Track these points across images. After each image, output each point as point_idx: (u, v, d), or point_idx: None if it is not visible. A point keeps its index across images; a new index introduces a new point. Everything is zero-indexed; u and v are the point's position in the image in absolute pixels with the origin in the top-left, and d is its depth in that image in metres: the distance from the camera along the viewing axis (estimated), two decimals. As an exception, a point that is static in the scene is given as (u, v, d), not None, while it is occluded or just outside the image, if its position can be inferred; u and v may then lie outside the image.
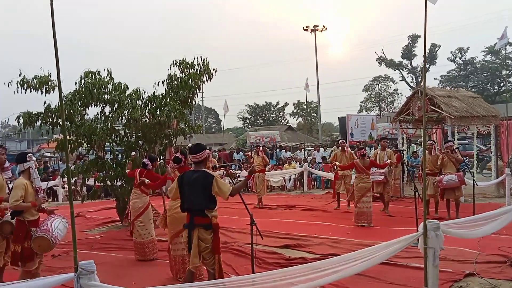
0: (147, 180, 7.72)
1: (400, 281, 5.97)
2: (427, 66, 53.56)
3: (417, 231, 4.83)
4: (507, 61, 49.29)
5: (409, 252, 6.44)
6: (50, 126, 10.27)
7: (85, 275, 3.74)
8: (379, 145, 13.54)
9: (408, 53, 57.21)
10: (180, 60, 10.78)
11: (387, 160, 11.95)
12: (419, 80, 56.97)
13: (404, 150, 12.99)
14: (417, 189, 8.44)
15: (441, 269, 5.12)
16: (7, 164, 6.67)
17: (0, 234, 6.07)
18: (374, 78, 62.63)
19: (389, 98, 63.97)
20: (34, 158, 5.89)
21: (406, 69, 58.87)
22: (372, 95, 63.99)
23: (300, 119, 65.71)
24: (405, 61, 58.30)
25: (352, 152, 13.20)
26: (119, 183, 11.03)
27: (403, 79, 59.23)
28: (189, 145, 8.33)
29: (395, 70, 59.28)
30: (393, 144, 18.65)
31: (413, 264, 6.53)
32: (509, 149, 13.48)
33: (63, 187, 17.56)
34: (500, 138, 13.88)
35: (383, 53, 58.49)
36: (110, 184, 11.02)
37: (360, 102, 64.80)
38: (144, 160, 8.17)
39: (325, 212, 12.39)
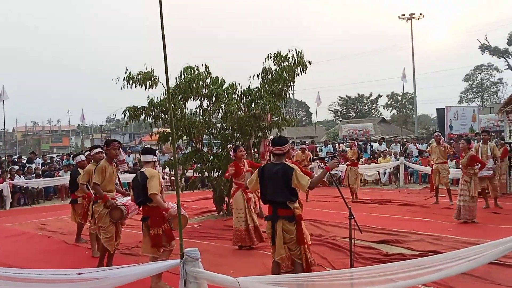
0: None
1: (509, 283, 5.58)
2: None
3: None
4: None
5: (520, 252, 6.00)
6: (153, 120, 10.86)
7: (190, 261, 3.91)
8: (481, 138, 12.74)
9: (515, 39, 53.00)
10: (275, 53, 10.87)
11: (490, 153, 11.25)
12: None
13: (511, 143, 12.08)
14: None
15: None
16: (122, 157, 7.15)
17: (110, 220, 6.57)
18: (476, 67, 58.84)
19: (493, 88, 59.80)
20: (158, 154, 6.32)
21: (512, 57, 54.62)
22: (473, 85, 60.18)
23: (394, 111, 63.54)
24: (511, 48, 54.07)
25: (448, 145, 12.61)
26: (215, 175, 11.40)
27: (509, 67, 54.95)
28: (271, 137, 8.48)
29: (499, 58, 55.18)
30: (499, 136, 17.42)
31: (524, 265, 6.08)
32: None
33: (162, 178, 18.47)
34: None
35: (487, 40, 54.70)
36: (207, 175, 11.42)
37: (460, 93, 61.24)
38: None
39: (423, 207, 11.89)
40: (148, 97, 10.62)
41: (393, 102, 63.36)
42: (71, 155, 15.71)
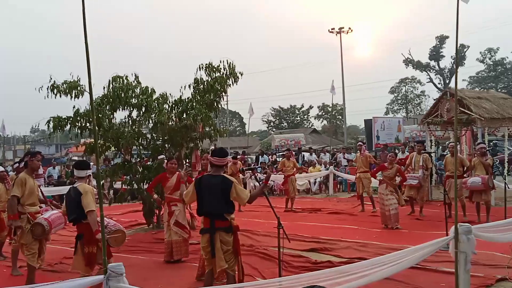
0: None
1: (429, 286, 5.87)
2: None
3: (447, 235, 4.73)
4: (538, 61, 48.38)
5: (438, 256, 6.30)
6: (79, 130, 10.45)
7: (114, 277, 3.78)
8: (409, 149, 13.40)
9: (435, 54, 56.42)
10: (206, 64, 10.85)
11: (422, 163, 11.84)
12: (447, 81, 56.12)
13: (432, 152, 12.75)
14: (447, 192, 8.31)
15: (473, 273, 4.99)
16: (40, 170, 6.85)
17: (32, 236, 6.24)
18: (401, 80, 61.96)
19: (416, 100, 63.18)
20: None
21: (434, 71, 58.07)
22: (398, 97, 63.26)
23: (325, 122, 65.43)
24: (432, 62, 57.51)
25: (369, 154, 13.23)
26: (145, 186, 11.15)
27: (431, 80, 58.41)
28: (212, 147, 8.43)
29: (422, 72, 58.56)
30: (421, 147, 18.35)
31: (443, 269, 6.39)
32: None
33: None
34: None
35: (410, 54, 57.82)
36: (137, 187, 11.14)
37: (387, 104, 64.19)
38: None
39: (351, 215, 12.28)
40: (74, 107, 10.22)
41: (323, 113, 65.25)
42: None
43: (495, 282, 5.89)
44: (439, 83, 57.56)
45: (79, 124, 10.34)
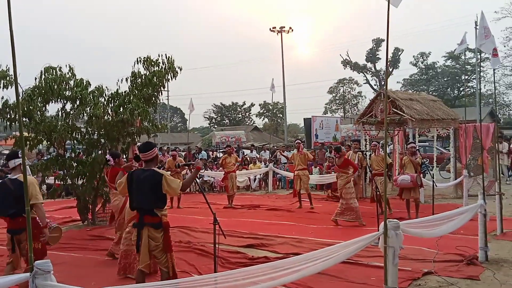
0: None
1: (360, 280, 6.06)
2: (390, 69, 54.69)
3: (378, 231, 4.91)
4: (466, 66, 51.13)
5: (370, 251, 6.52)
6: (8, 123, 9.94)
7: (41, 275, 3.63)
8: (346, 147, 13.80)
9: (372, 56, 58.33)
10: (144, 57, 10.61)
11: (357, 162, 12.21)
12: (382, 83, 58.14)
13: (366, 151, 13.18)
14: (378, 189, 8.61)
15: (401, 267, 5.22)
16: None
17: None
18: (339, 81, 63.65)
19: (353, 101, 65.12)
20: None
21: (370, 72, 60.02)
22: (336, 97, 64.93)
23: (266, 119, 66.04)
24: (369, 64, 59.43)
25: (308, 152, 13.53)
26: (80, 182, 10.79)
27: (367, 82, 60.39)
28: (138, 144, 8.23)
29: (359, 73, 60.41)
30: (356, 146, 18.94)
31: (373, 263, 6.64)
32: (467, 151, 13.87)
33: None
34: (458, 140, 14.27)
35: (348, 56, 59.46)
36: (71, 182, 10.76)
37: (325, 104, 65.79)
38: (107, 156, 7.94)
39: (289, 212, 12.47)
40: (2, 97, 9.72)
41: (265, 111, 65.82)
42: None
43: (421, 275, 6.16)
44: (375, 85, 59.59)
45: (8, 116, 9.85)
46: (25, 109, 9.74)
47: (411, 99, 14.48)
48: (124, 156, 10.87)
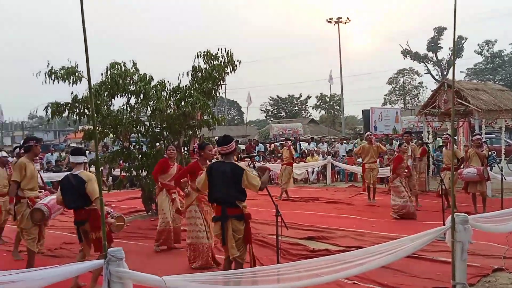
0: None
1: (426, 275, 5.90)
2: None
3: (444, 225, 4.77)
4: (537, 53, 48.37)
5: (435, 246, 6.38)
6: (77, 117, 10.44)
7: (114, 261, 3.81)
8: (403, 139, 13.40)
9: (433, 45, 56.30)
10: (204, 52, 10.80)
11: (410, 153, 11.86)
12: (445, 73, 56.06)
13: (429, 143, 12.80)
14: (443, 182, 8.34)
15: (469, 263, 5.03)
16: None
17: (32, 222, 6.28)
18: (399, 71, 61.91)
19: (414, 91, 63.18)
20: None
21: (432, 62, 57.97)
22: (396, 88, 63.23)
23: (322, 112, 65.38)
24: (430, 54, 57.38)
25: (380, 144, 13.16)
26: (144, 173, 11.16)
27: (428, 72, 58.36)
28: (216, 137, 8.38)
29: (420, 63, 58.49)
30: (418, 137, 18.40)
31: (439, 258, 6.45)
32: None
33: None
34: (529, 132, 13.57)
35: (408, 45, 57.67)
36: (135, 174, 11.15)
37: (384, 95, 64.20)
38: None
39: (349, 205, 12.32)
40: (72, 93, 10.20)
41: (321, 103, 65.20)
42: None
43: (491, 272, 5.93)
44: (436, 75, 57.54)
45: (77, 110, 10.33)
46: (93, 103, 10.16)
47: (476, 89, 13.89)
48: (186, 149, 11.16)
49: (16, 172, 6.45)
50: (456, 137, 17.12)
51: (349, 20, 41.96)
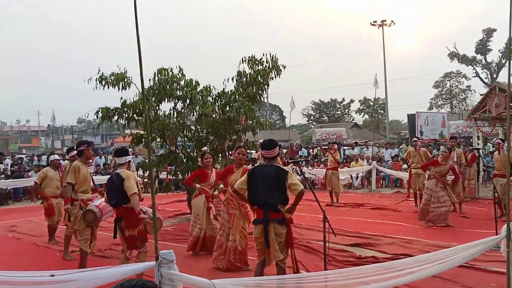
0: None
1: (478, 285, 5.73)
2: (504, 61, 50.70)
3: (497, 234, 4.61)
4: None
5: (488, 255, 6.16)
6: (126, 121, 10.74)
7: (166, 264, 3.90)
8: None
9: (482, 47, 54.41)
10: (249, 57, 10.88)
11: (456, 159, 11.57)
12: (495, 76, 54.11)
13: (480, 149, 12.39)
14: (496, 190, 8.06)
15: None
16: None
17: (84, 223, 6.51)
18: (446, 74, 60.13)
19: (461, 95, 61.23)
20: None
21: (480, 65, 56.04)
22: (443, 92, 61.52)
23: (366, 116, 64.41)
24: (479, 56, 55.51)
25: (427, 150, 12.86)
26: (190, 177, 11.32)
27: (477, 75, 56.43)
28: (260, 140, 8.40)
29: (468, 66, 56.58)
30: (468, 143, 17.86)
31: (493, 268, 6.23)
32: None
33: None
34: None
35: (455, 48, 56.04)
36: (181, 177, 11.35)
37: (430, 99, 62.50)
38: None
39: (395, 211, 12.09)
40: (121, 98, 10.50)
41: (365, 107, 64.24)
42: (47, 156, 15.19)
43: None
44: (486, 78, 55.57)
45: (126, 115, 10.63)
46: (141, 108, 10.44)
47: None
48: (230, 153, 11.26)
49: (71, 174, 6.70)
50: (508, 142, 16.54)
51: (394, 23, 41.32)
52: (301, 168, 6.42)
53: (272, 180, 5.14)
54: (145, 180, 17.24)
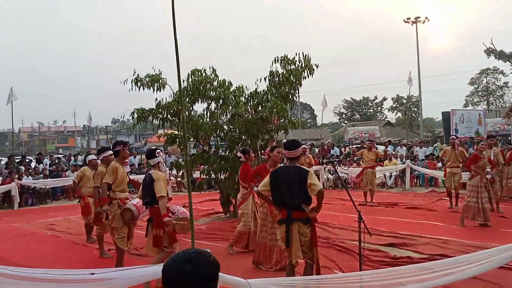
0: None
1: (519, 287, 5.59)
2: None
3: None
4: None
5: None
6: (161, 122, 10.92)
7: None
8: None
9: (521, 42, 52.76)
10: (281, 57, 10.90)
11: (493, 158, 11.26)
12: (533, 71, 52.39)
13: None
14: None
15: None
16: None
17: (122, 221, 6.67)
18: (482, 71, 58.57)
19: (498, 92, 59.55)
20: (161, 154, 6.39)
21: (518, 61, 54.34)
22: (479, 89, 59.95)
23: (399, 114, 63.44)
24: (517, 52, 53.82)
25: (464, 150, 12.57)
26: (222, 176, 11.43)
27: (515, 71, 54.74)
28: (284, 140, 8.41)
29: (505, 62, 54.90)
30: (506, 140, 17.38)
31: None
32: None
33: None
34: None
35: (492, 43, 54.49)
36: (214, 177, 11.46)
37: (466, 96, 60.99)
38: (238, 154, 8.55)
39: (430, 211, 11.87)
40: (156, 99, 10.71)
41: (398, 105, 63.28)
42: (84, 156, 15.57)
43: None
44: (524, 74, 53.85)
45: (161, 116, 10.81)
46: (175, 109, 10.60)
47: None
48: (261, 152, 11.31)
49: (108, 174, 6.87)
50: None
51: (428, 20, 40.49)
52: (335, 168, 6.36)
53: (294, 180, 5.19)
54: (178, 179, 17.53)
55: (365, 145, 16.60)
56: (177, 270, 1.87)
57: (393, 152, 20.63)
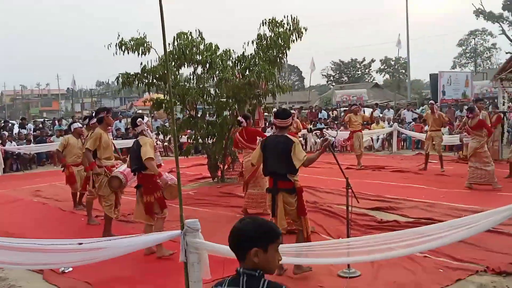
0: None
1: (502, 250, 5.68)
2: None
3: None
4: None
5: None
6: (146, 86, 10.73)
7: (191, 232, 3.95)
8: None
9: (510, 4, 52.41)
10: (269, 19, 10.65)
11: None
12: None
13: (506, 112, 12.10)
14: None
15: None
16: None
17: (110, 189, 6.62)
18: (471, 32, 58.31)
19: (486, 53, 59.54)
20: (145, 120, 6.24)
21: (507, 22, 54.08)
22: (467, 50, 59.83)
23: (387, 75, 63.31)
24: (506, 13, 53.50)
25: (442, 114, 12.63)
26: (210, 141, 11.37)
27: (503, 32, 54.51)
28: (274, 109, 8.31)
29: (494, 23, 54.67)
30: (493, 104, 17.46)
31: (517, 233, 6.17)
32: None
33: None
34: None
35: (481, 4, 54.04)
36: (201, 142, 11.39)
37: (454, 58, 60.90)
38: (239, 118, 8.41)
39: (417, 174, 11.99)
40: (141, 63, 10.46)
41: (386, 67, 63.05)
42: (69, 124, 15.29)
43: None
44: (513, 35, 53.74)
45: (146, 81, 10.61)
46: (160, 73, 10.39)
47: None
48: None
49: (90, 141, 6.78)
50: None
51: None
52: (325, 135, 6.29)
53: (280, 150, 5.16)
54: (165, 144, 17.42)
55: (351, 109, 16.51)
56: None
57: (381, 115, 20.63)
